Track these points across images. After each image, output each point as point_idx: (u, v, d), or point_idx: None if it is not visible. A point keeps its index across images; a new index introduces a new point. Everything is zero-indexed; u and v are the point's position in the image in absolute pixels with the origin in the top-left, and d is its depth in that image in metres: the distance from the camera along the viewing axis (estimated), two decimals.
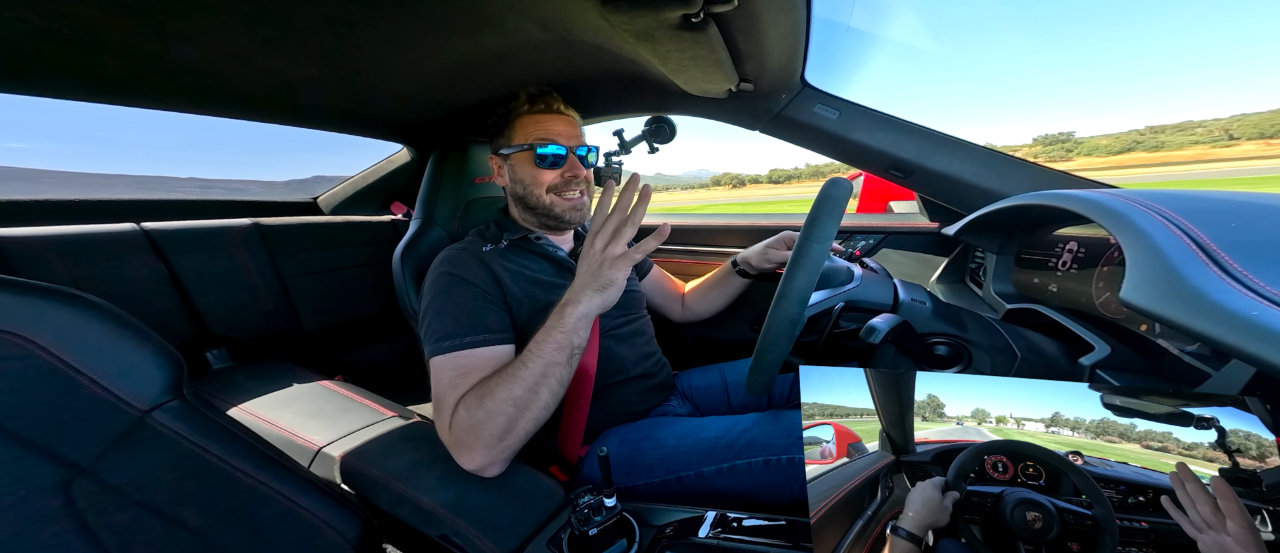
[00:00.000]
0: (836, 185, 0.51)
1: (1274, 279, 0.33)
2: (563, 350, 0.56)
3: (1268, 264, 0.34)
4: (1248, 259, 0.35)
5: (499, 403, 0.54)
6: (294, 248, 1.15)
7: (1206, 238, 0.38)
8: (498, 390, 0.55)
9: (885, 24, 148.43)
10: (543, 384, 0.55)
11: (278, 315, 1.12)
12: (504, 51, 0.76)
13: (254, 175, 44.49)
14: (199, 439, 0.42)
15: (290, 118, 0.96)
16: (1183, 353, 0.46)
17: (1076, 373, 0.53)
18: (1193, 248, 0.38)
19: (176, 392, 0.43)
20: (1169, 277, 0.36)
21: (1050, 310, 0.64)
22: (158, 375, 0.42)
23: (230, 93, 0.78)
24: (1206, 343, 0.36)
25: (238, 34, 0.61)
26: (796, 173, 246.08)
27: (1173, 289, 0.35)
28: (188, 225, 1.00)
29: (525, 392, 0.55)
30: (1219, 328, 0.31)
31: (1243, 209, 0.44)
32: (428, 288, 0.69)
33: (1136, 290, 0.38)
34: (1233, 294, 0.32)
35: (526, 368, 0.55)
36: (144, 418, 0.40)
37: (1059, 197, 0.59)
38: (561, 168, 0.77)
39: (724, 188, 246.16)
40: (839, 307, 0.60)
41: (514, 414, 0.54)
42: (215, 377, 0.95)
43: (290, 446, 0.69)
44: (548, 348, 0.56)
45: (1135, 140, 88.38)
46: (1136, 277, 0.39)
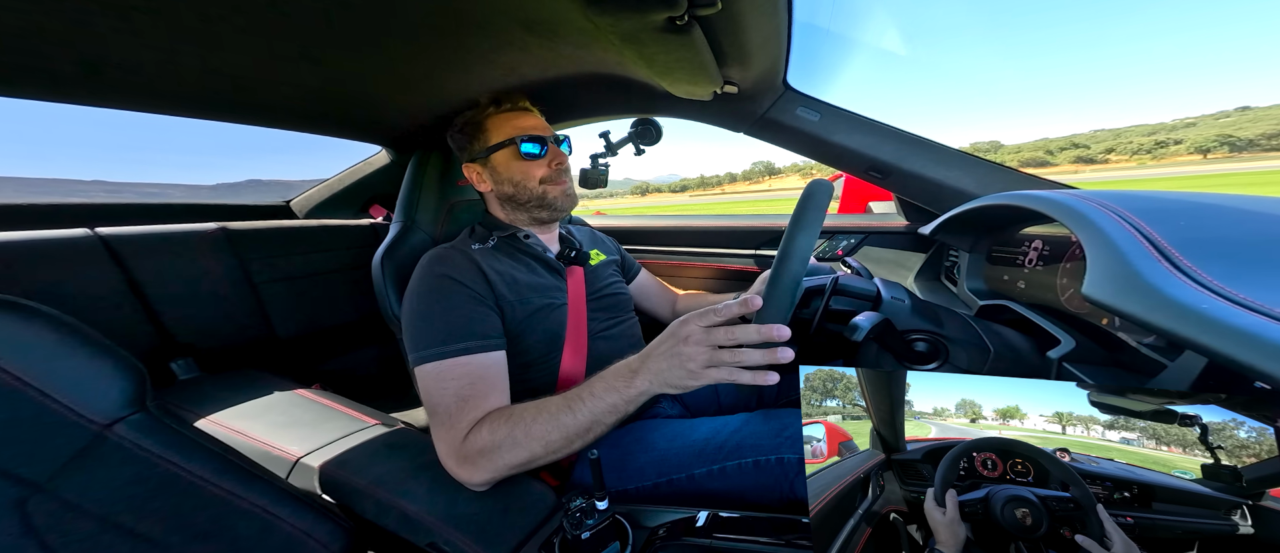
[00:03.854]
0: (818, 187, 0.52)
1: (1220, 274, 0.35)
2: (615, 413, 0.54)
3: (1213, 260, 0.36)
4: (1197, 255, 0.37)
5: (530, 440, 0.53)
6: (265, 253, 1.11)
7: (1159, 236, 0.41)
8: (534, 427, 0.53)
9: (861, 28, 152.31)
10: (581, 438, 0.54)
11: (249, 323, 1.07)
12: (488, 53, 0.75)
13: (174, 179, 42.30)
14: (166, 453, 0.41)
15: (262, 119, 0.93)
16: (1141, 345, 0.48)
17: (1045, 366, 0.55)
18: (1147, 245, 0.40)
19: (139, 404, 0.41)
20: (1126, 273, 0.38)
21: (1019, 306, 0.67)
22: (117, 388, 0.40)
23: (193, 92, 0.75)
24: (1162, 335, 0.38)
25: (207, 31, 0.59)
26: (716, 180, 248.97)
27: (1130, 285, 0.37)
28: (148, 230, 0.95)
29: (562, 439, 0.53)
30: (1173, 321, 0.33)
31: (1191, 209, 0.47)
32: (416, 289, 0.67)
33: (1097, 286, 0.40)
34: (1185, 289, 0.34)
35: (574, 418, 0.53)
36: (104, 432, 0.38)
37: (1025, 197, 0.62)
38: (546, 157, 0.78)
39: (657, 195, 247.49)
40: (830, 282, 0.62)
41: (540, 453, 0.54)
42: (182, 388, 0.91)
43: (266, 457, 0.67)
44: (601, 407, 0.53)
45: (1048, 151, 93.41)
46: (1097, 273, 0.41)
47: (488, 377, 0.59)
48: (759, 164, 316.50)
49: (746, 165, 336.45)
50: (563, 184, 0.80)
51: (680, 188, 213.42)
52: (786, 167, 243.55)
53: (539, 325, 0.72)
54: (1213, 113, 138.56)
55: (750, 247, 1.31)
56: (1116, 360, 0.52)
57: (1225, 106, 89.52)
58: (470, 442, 0.54)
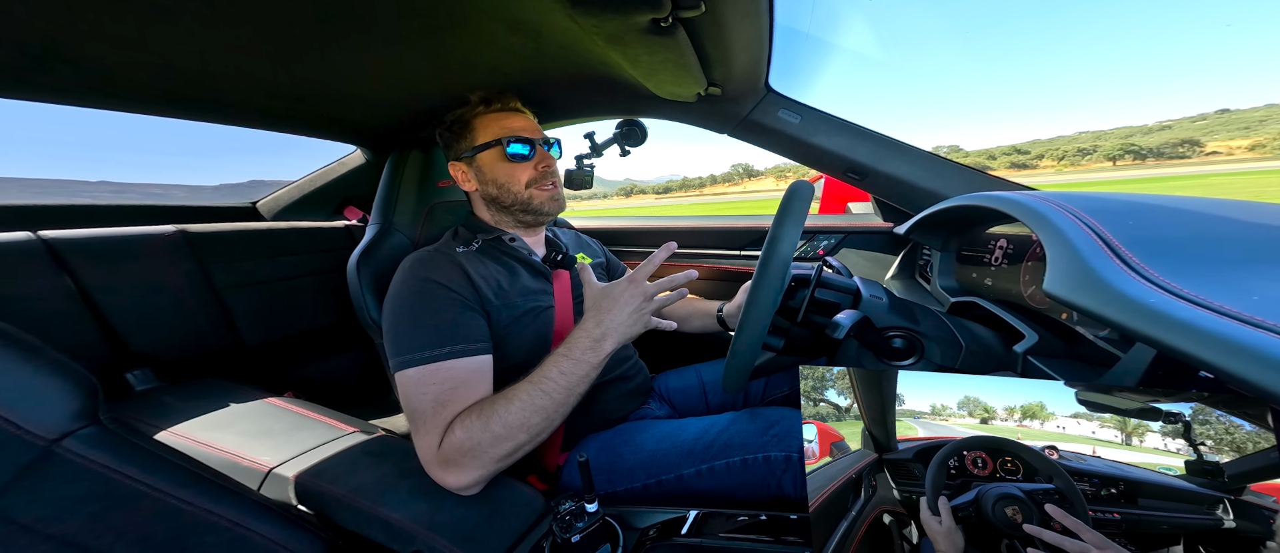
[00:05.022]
0: (801, 187, 0.53)
1: (1165, 270, 0.37)
2: (587, 382, 0.57)
3: (1159, 257, 0.39)
4: (1144, 253, 0.39)
5: (510, 428, 0.53)
6: (230, 257, 1.06)
7: (1110, 234, 0.43)
8: (510, 415, 0.53)
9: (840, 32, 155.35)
10: (559, 413, 0.55)
11: (212, 331, 1.02)
12: (470, 52, 0.74)
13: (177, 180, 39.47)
14: (122, 467, 0.38)
15: (226, 117, 0.88)
16: (1097, 338, 0.51)
17: (1011, 360, 0.58)
18: (1100, 244, 0.42)
19: (90, 417, 0.39)
20: (1082, 270, 0.40)
21: (987, 302, 0.70)
22: (65, 401, 0.37)
23: (149, 87, 0.71)
24: (1114, 329, 0.40)
25: (163, 20, 0.55)
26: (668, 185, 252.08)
27: (1085, 281, 0.39)
28: (97, 234, 0.89)
29: (543, 418, 0.54)
30: (1124, 315, 0.34)
31: (1137, 209, 0.50)
32: (397, 293, 0.66)
33: (1056, 282, 0.42)
34: (1134, 284, 0.36)
35: (546, 395, 0.54)
36: (51, 447, 0.36)
37: (990, 198, 0.65)
38: (533, 160, 0.77)
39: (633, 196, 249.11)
40: (816, 272, 0.63)
41: (525, 441, 0.53)
42: (138, 399, 0.86)
43: (235, 468, 0.63)
44: (574, 377, 0.56)
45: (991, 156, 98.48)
46: (1056, 270, 0.43)
47: (470, 381, 0.58)
48: (738, 166, 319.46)
49: (726, 168, 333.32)
50: (549, 189, 0.78)
51: (664, 190, 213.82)
52: (768, 169, 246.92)
53: (527, 329, 0.71)
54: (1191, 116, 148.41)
55: (735, 247, 1.33)
56: (1075, 353, 0.54)
57: (1205, 110, 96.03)
58: (448, 443, 0.53)
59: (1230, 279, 0.35)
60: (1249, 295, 0.31)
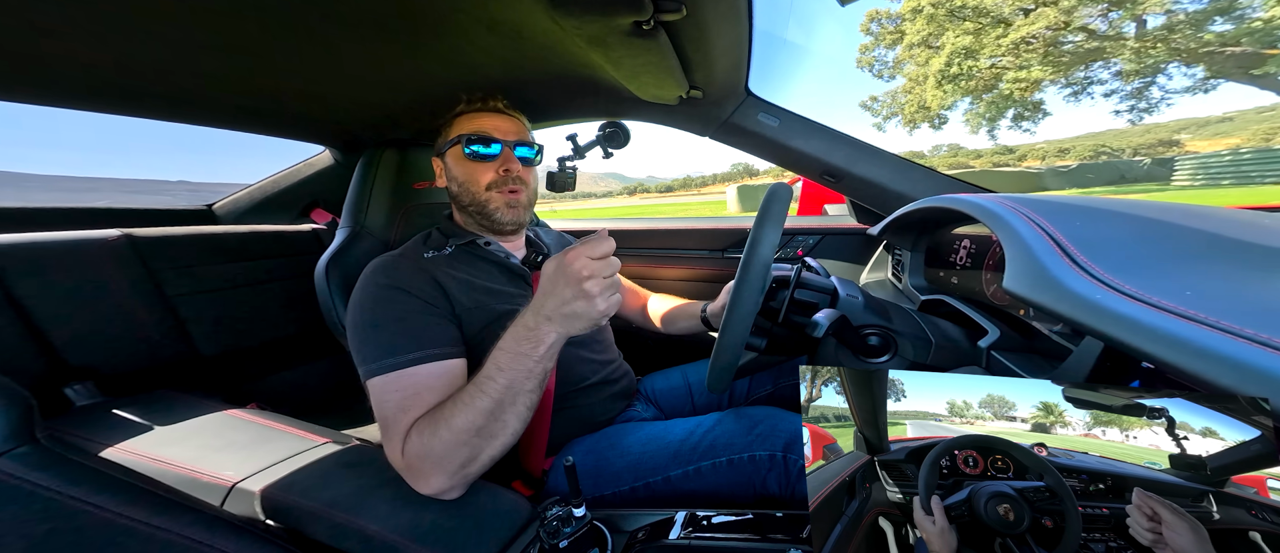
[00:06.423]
0: (779, 190, 0.55)
1: (1110, 267, 0.40)
2: (532, 377, 0.52)
3: (1104, 256, 0.42)
4: (1091, 252, 0.42)
5: (457, 434, 0.50)
6: (182, 263, 0.99)
7: (1061, 235, 0.46)
8: (455, 419, 0.50)
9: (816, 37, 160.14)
10: (508, 410, 0.51)
11: (164, 342, 0.95)
12: (449, 51, 0.72)
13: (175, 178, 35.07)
14: (64, 488, 0.36)
15: (199, 117, 0.83)
16: (1051, 333, 0.54)
17: (976, 354, 0.61)
18: (1051, 244, 0.45)
19: (25, 436, 0.36)
20: (1036, 268, 0.42)
21: (953, 300, 0.74)
22: None
23: (106, 84, 0.66)
24: (1066, 323, 0.43)
25: (119, 15, 0.51)
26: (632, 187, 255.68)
27: (1039, 278, 0.41)
28: (27, 239, 0.82)
29: (488, 420, 0.51)
30: (1073, 310, 0.37)
31: (1083, 211, 0.53)
32: (358, 301, 0.63)
33: (1014, 280, 0.44)
34: (1082, 281, 0.39)
35: (485, 396, 0.51)
36: None
37: (954, 201, 0.68)
38: (494, 162, 0.73)
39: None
40: (795, 272, 0.65)
41: (478, 444, 0.51)
42: (79, 415, 0.79)
43: (193, 484, 0.59)
44: (515, 373, 0.51)
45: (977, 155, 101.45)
46: (1013, 269, 0.46)
47: (435, 387, 0.56)
48: (738, 166, 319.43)
49: (726, 168, 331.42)
50: (508, 195, 0.73)
51: (666, 189, 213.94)
52: (767, 169, 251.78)
53: (502, 333, 0.70)
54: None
55: (718, 248, 1.34)
56: (1032, 347, 0.58)
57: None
58: (407, 451, 0.51)
59: (1168, 275, 0.38)
60: (1183, 291, 0.34)
